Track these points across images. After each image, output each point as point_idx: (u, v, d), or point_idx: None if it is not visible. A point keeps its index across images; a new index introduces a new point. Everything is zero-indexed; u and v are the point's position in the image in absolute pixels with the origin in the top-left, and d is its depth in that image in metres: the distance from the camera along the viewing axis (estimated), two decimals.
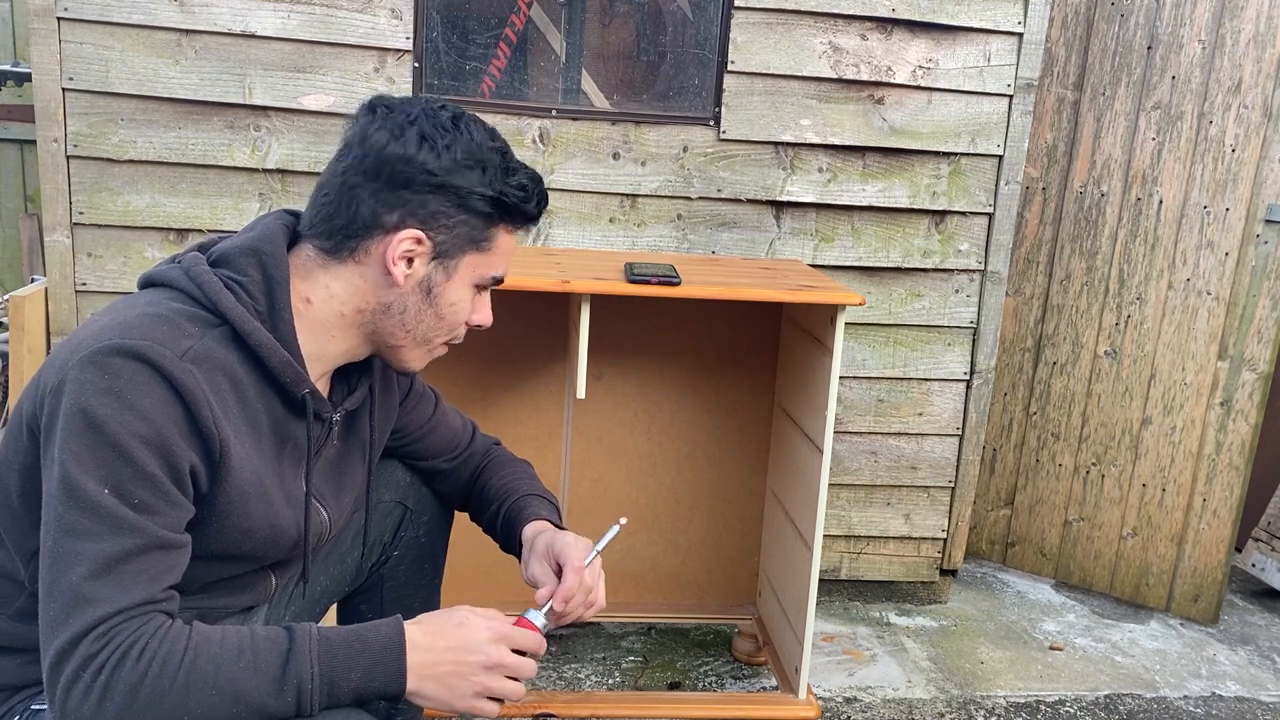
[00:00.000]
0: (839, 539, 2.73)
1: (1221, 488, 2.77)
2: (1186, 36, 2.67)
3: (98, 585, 1.01)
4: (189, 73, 2.26)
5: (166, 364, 1.06)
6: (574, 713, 2.05)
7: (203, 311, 1.15)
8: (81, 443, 1.03)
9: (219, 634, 1.06)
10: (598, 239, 2.47)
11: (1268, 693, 2.51)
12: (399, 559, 1.62)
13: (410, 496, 1.60)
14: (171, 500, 1.07)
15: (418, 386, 1.56)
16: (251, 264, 1.19)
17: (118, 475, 1.04)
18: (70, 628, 1.00)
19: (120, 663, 1.00)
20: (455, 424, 1.62)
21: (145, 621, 1.03)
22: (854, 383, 2.63)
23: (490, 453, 1.63)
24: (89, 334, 1.09)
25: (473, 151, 1.20)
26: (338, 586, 1.58)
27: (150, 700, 1.00)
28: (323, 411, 1.27)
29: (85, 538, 1.02)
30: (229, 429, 1.13)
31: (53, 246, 2.29)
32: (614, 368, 2.41)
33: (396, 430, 1.53)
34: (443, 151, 1.19)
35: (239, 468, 1.14)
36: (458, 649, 1.14)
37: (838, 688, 2.38)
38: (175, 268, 1.20)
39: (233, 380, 1.15)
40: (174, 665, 1.01)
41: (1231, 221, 2.68)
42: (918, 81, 2.48)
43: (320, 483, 1.32)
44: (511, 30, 2.46)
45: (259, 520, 1.19)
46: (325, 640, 1.09)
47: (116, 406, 1.04)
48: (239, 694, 1.03)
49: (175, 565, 1.09)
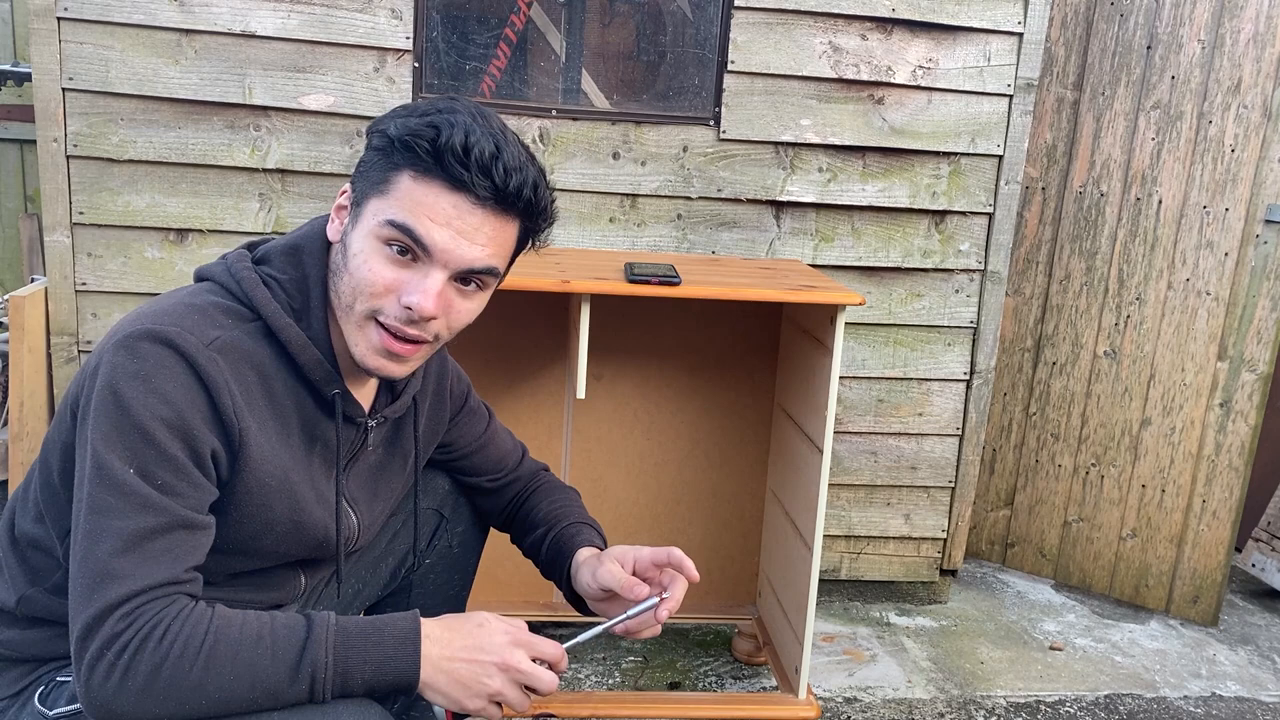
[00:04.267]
0: (839, 539, 2.73)
1: (1221, 489, 2.77)
2: (1186, 36, 2.67)
3: (123, 561, 1.04)
4: (189, 73, 2.26)
5: (191, 350, 1.08)
6: (574, 713, 2.05)
7: (238, 305, 1.17)
8: (109, 423, 1.06)
9: (240, 619, 1.07)
10: (598, 239, 2.47)
11: (1268, 693, 2.51)
12: (430, 567, 1.62)
13: (447, 505, 1.59)
14: (194, 482, 1.09)
15: (471, 402, 1.55)
16: (290, 262, 1.21)
17: (142, 456, 1.06)
18: (96, 603, 1.03)
19: (143, 644, 1.02)
20: (506, 444, 1.61)
21: (170, 603, 1.05)
22: (854, 383, 2.63)
23: (538, 477, 1.62)
24: (130, 319, 1.12)
25: (424, 109, 1.15)
26: (371, 591, 1.58)
27: (170, 682, 1.02)
28: (354, 414, 1.26)
29: (111, 515, 1.04)
30: (251, 419, 1.14)
31: (52, 246, 2.29)
32: (614, 368, 2.40)
33: (445, 444, 1.53)
34: (404, 114, 1.15)
35: (260, 458, 1.15)
36: (473, 648, 1.14)
37: (838, 688, 2.38)
38: (220, 263, 1.22)
39: (260, 373, 1.16)
40: (194, 649, 1.03)
41: (1231, 221, 2.68)
42: (918, 81, 2.48)
43: (355, 487, 1.32)
44: (511, 30, 2.46)
45: (280, 513, 1.20)
46: (342, 630, 1.09)
47: (142, 390, 1.06)
48: (255, 680, 1.04)
49: (199, 546, 1.10)
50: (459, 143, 1.10)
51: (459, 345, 2.31)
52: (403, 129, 1.12)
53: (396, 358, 1.18)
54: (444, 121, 1.11)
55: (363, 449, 1.32)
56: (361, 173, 1.17)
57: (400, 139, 1.12)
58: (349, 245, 1.16)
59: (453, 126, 1.11)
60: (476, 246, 1.14)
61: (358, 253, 1.14)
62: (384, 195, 1.13)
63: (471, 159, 1.11)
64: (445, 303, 1.16)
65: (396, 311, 1.14)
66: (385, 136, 1.14)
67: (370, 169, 1.16)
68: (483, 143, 1.11)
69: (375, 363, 1.18)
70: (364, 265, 1.14)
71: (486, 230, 1.15)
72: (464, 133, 1.11)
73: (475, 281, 1.18)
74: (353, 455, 1.30)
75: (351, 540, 1.33)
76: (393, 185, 1.13)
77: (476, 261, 1.15)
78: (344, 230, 1.18)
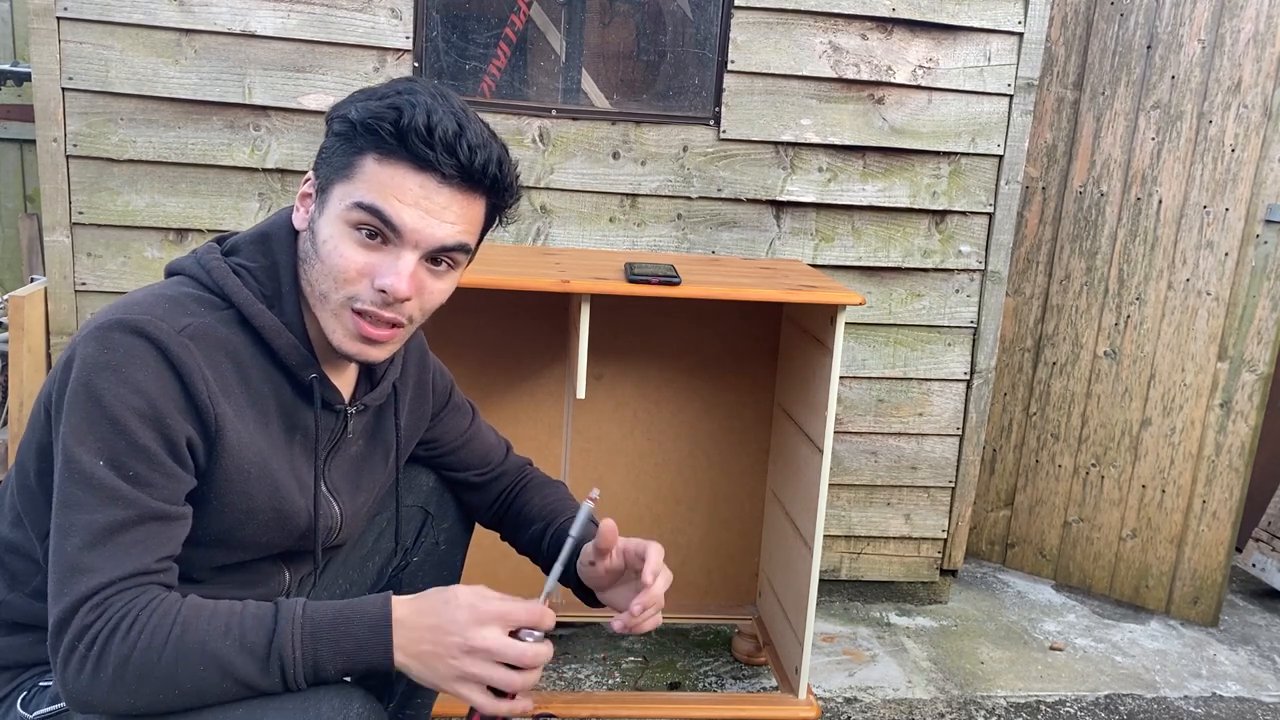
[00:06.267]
0: (839, 539, 2.73)
1: (1221, 489, 2.77)
2: (1186, 36, 2.67)
3: (92, 555, 1.03)
4: (189, 72, 2.25)
5: (162, 337, 1.08)
6: (574, 713, 2.05)
7: (210, 295, 1.17)
8: (81, 416, 1.05)
9: (210, 609, 1.06)
10: (598, 239, 2.47)
11: (1268, 693, 2.51)
12: (418, 565, 1.61)
13: (432, 502, 1.59)
14: (167, 473, 1.08)
15: (456, 398, 1.55)
16: (259, 250, 1.21)
17: (113, 448, 1.05)
18: (66, 597, 1.02)
19: (111, 635, 1.01)
20: (490, 440, 1.61)
21: (139, 593, 1.04)
22: (854, 383, 2.63)
23: (524, 472, 1.62)
24: (101, 312, 1.11)
25: (383, 92, 1.15)
26: (358, 590, 1.57)
27: (140, 672, 1.01)
28: (333, 401, 1.26)
29: (81, 509, 1.04)
30: (227, 406, 1.13)
31: (52, 246, 2.29)
32: (614, 368, 2.40)
33: (430, 441, 1.52)
34: (364, 97, 1.16)
35: (238, 445, 1.14)
36: (436, 628, 1.08)
37: (838, 688, 2.38)
38: (190, 256, 1.22)
39: (235, 360, 1.15)
40: (161, 639, 1.02)
41: (1231, 221, 2.67)
42: (918, 81, 2.48)
43: (337, 477, 1.31)
44: (511, 30, 2.46)
45: (261, 501, 1.19)
46: (310, 620, 1.07)
47: (113, 380, 1.05)
48: (226, 670, 1.03)
49: (173, 537, 1.09)
50: (421, 122, 1.10)
51: (459, 344, 2.31)
52: (364, 112, 1.12)
53: (374, 342, 1.18)
54: (405, 103, 1.11)
55: (343, 438, 1.31)
56: (324, 159, 1.17)
57: (362, 122, 1.12)
58: (317, 232, 1.16)
59: (414, 107, 1.11)
60: (446, 224, 1.15)
61: (327, 239, 1.14)
62: (349, 179, 1.13)
63: (435, 137, 1.11)
64: (418, 283, 1.16)
65: (371, 295, 1.14)
66: (346, 121, 1.13)
67: (333, 155, 1.16)
68: (445, 121, 1.11)
69: (354, 348, 1.18)
70: (335, 251, 1.14)
71: (455, 208, 1.15)
72: (425, 112, 1.11)
73: (446, 260, 1.19)
74: (333, 444, 1.29)
75: (334, 531, 1.32)
76: (357, 169, 1.13)
77: (447, 239, 1.15)
78: (310, 218, 1.18)
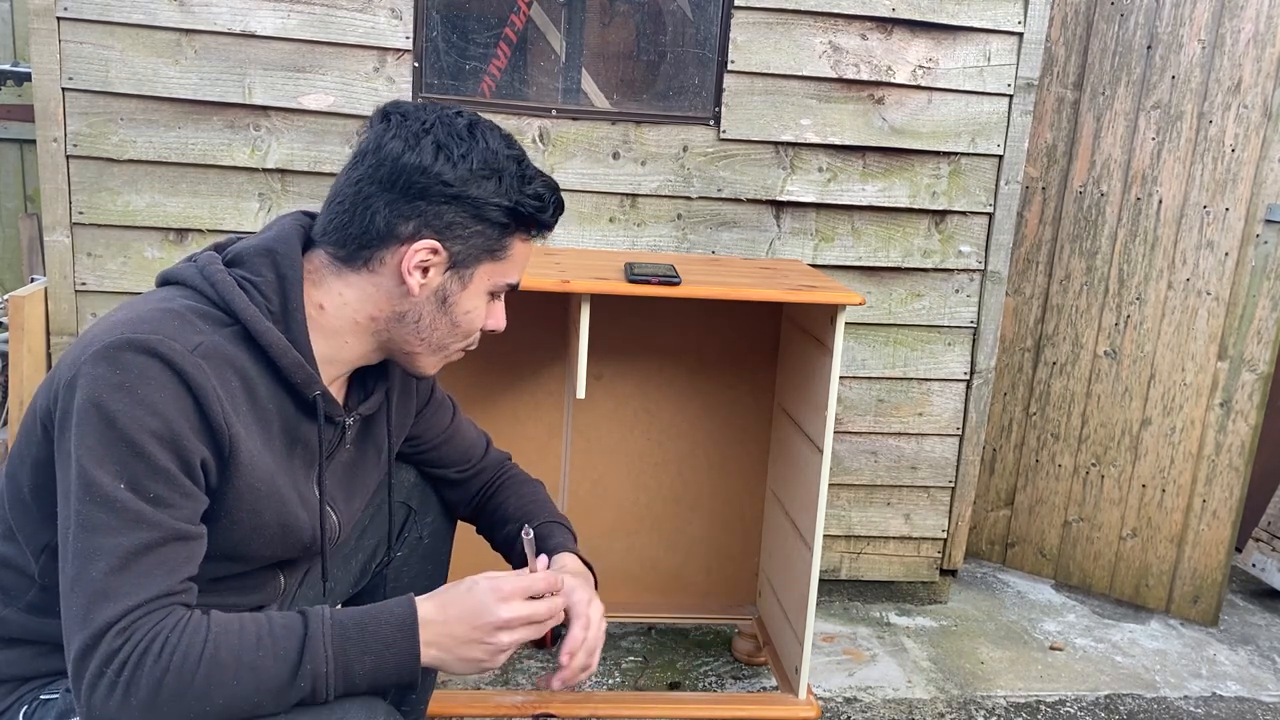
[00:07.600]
0: (839, 539, 2.73)
1: (1221, 489, 2.77)
2: (1186, 36, 2.67)
3: (118, 579, 1.02)
4: (189, 72, 2.25)
5: (177, 358, 1.07)
6: (574, 713, 2.05)
7: (215, 310, 1.16)
8: (96, 438, 1.04)
9: (237, 623, 1.07)
10: (598, 239, 2.47)
11: (1268, 693, 2.51)
12: (403, 559, 1.62)
13: (415, 498, 1.60)
14: (185, 493, 1.08)
15: (437, 395, 1.55)
16: (265, 264, 1.19)
17: (132, 470, 1.04)
18: (92, 623, 1.01)
19: (142, 658, 1.01)
20: (470, 435, 1.62)
21: (166, 615, 1.04)
22: (854, 383, 2.63)
23: (504, 469, 1.63)
24: (102, 329, 1.09)
25: (489, 160, 1.20)
26: (343, 588, 1.58)
27: (175, 693, 1.01)
28: (335, 414, 1.27)
29: (103, 533, 1.03)
30: (239, 425, 1.13)
31: (52, 246, 2.29)
32: (614, 368, 2.40)
33: (412, 437, 1.53)
34: (459, 161, 1.18)
35: (249, 464, 1.14)
36: (464, 616, 1.14)
37: (838, 688, 2.38)
38: (191, 266, 1.21)
39: (243, 378, 1.15)
40: (194, 658, 1.02)
41: (1231, 221, 2.67)
42: (918, 81, 2.48)
43: (332, 486, 1.32)
44: (511, 30, 2.46)
45: (269, 518, 1.19)
46: (339, 625, 1.09)
47: (128, 401, 1.04)
48: (259, 682, 1.04)
49: (192, 556, 1.10)
50: (553, 200, 1.25)
51: None
52: (518, 202, 1.22)
53: None
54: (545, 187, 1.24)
55: (339, 447, 1.32)
56: (460, 236, 1.22)
57: (521, 213, 1.23)
58: (456, 303, 1.25)
59: (551, 189, 1.25)
60: None
61: (471, 310, 1.27)
62: (499, 260, 1.25)
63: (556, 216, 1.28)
64: None
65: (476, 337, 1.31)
66: (501, 209, 1.21)
67: (477, 237, 1.23)
68: (558, 195, 1.27)
69: (434, 371, 1.33)
70: (476, 319, 1.28)
71: None
72: (550, 190, 1.25)
73: None
74: (329, 454, 1.30)
75: (334, 539, 1.33)
76: (508, 250, 1.25)
77: None
78: (442, 288, 1.23)
